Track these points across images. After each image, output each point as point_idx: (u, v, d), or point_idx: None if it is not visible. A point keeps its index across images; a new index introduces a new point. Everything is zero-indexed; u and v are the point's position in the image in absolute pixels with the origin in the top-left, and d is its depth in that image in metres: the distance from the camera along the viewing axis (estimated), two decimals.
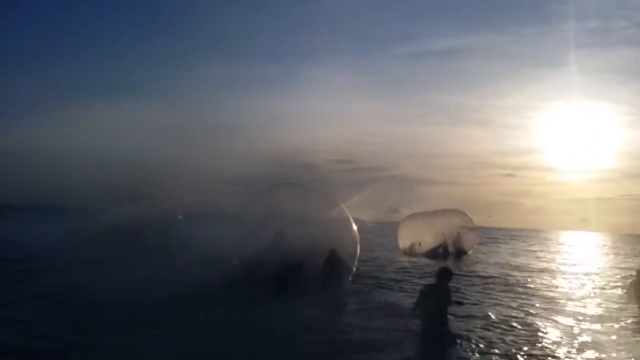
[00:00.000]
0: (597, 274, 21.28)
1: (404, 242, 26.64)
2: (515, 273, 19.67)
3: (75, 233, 25.39)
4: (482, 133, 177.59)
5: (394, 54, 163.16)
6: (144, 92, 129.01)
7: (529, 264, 24.75)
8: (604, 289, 16.14)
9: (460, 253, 25.58)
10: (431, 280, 8.92)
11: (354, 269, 13.27)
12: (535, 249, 40.79)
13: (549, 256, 32.25)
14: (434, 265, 19.61)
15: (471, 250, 26.51)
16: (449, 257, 24.60)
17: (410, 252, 25.66)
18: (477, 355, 7.43)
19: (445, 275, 7.82)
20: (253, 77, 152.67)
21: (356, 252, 13.22)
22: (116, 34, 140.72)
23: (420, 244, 25.96)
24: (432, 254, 24.74)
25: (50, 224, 31.77)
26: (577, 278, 19.25)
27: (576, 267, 24.49)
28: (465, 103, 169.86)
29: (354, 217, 13.66)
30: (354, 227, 13.34)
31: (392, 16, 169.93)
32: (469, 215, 26.88)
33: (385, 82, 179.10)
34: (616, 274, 20.92)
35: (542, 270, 21.40)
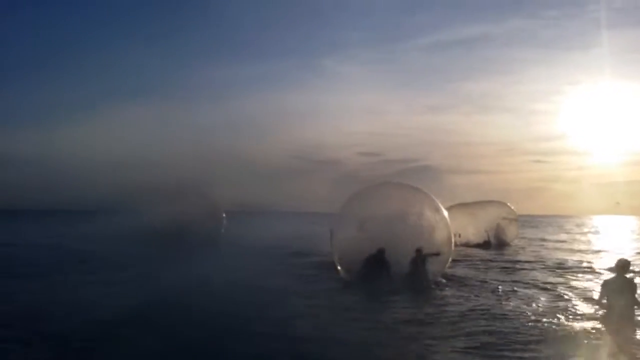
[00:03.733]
0: None
1: None
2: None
3: (125, 234, 26.26)
4: (510, 120, 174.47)
5: (419, 45, 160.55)
6: (166, 93, 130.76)
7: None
8: None
9: (502, 244, 25.47)
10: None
11: (444, 269, 13.06)
12: (579, 235, 40.34)
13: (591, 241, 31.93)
14: (485, 257, 19.73)
15: (513, 241, 26.36)
16: (489, 248, 24.54)
17: None
18: None
19: (627, 267, 7.92)
20: (278, 73, 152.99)
21: (448, 252, 13.02)
22: (139, 34, 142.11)
23: (459, 236, 25.90)
24: (475, 245, 24.74)
25: (97, 226, 32.91)
26: None
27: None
28: (492, 90, 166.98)
29: None
30: (448, 226, 13.14)
31: (415, 6, 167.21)
32: (511, 206, 26.72)
33: (411, 73, 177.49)
34: None
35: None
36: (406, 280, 12.23)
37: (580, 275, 15.32)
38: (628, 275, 8.10)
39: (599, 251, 25.17)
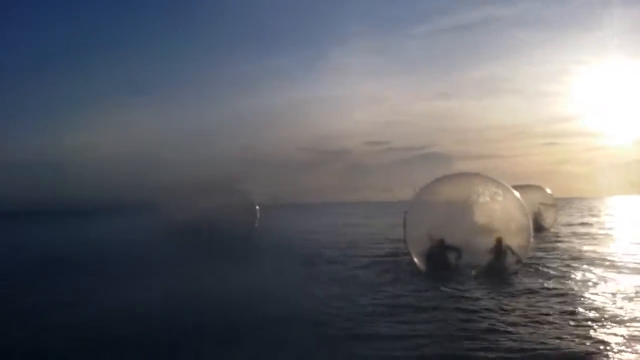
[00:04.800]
0: None
1: None
2: None
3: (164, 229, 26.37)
4: (519, 103, 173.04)
5: (424, 31, 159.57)
6: (171, 91, 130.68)
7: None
8: None
9: (540, 229, 25.14)
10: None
11: (524, 261, 12.78)
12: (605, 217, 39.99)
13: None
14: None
15: (552, 227, 26.03)
16: None
17: None
18: None
19: None
20: (281, 66, 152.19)
21: (528, 242, 12.73)
22: (147, 34, 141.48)
23: None
24: None
25: (138, 221, 33.18)
26: None
27: None
28: (499, 73, 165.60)
29: None
30: (527, 216, 12.88)
31: None
32: (548, 190, 26.39)
33: (416, 59, 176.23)
34: None
35: None
36: (487, 269, 12.04)
37: None
38: None
39: None
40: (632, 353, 6.61)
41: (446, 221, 12.48)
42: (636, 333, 7.35)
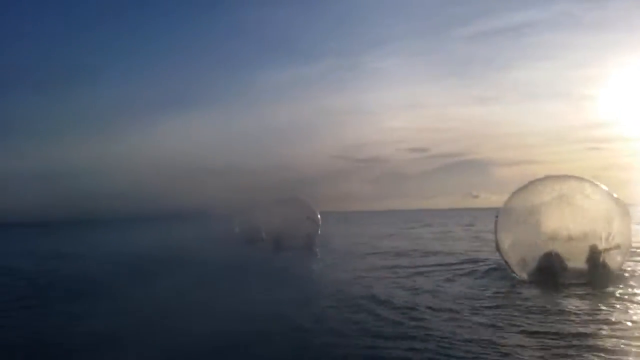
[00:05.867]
0: None
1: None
2: None
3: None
4: (560, 107, 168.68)
5: (461, 34, 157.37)
6: (208, 101, 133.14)
7: None
8: None
9: None
10: None
11: (623, 268, 12.48)
12: None
13: None
14: None
15: None
16: None
17: None
18: None
19: None
20: (319, 74, 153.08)
21: (627, 249, 12.42)
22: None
23: None
24: None
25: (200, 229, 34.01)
26: None
27: None
28: (539, 77, 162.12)
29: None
30: (630, 222, 12.47)
31: None
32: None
33: (454, 64, 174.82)
34: None
35: None
36: (587, 278, 11.79)
37: None
38: None
39: None
40: None
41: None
42: None
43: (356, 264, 17.24)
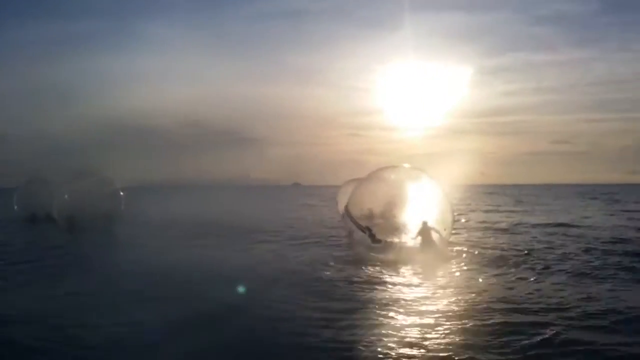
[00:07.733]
0: None
1: None
2: None
3: None
4: (327, 94, 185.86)
5: (242, 14, 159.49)
6: None
7: None
8: None
9: None
10: None
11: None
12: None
13: None
14: None
15: None
16: None
17: None
18: None
19: None
20: (83, 35, 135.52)
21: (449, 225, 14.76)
22: None
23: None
24: None
25: None
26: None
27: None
28: (310, 64, 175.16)
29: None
30: (447, 202, 15.04)
31: None
32: None
33: (232, 42, 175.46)
34: None
35: None
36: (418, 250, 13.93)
37: None
38: None
39: None
40: None
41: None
42: None
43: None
